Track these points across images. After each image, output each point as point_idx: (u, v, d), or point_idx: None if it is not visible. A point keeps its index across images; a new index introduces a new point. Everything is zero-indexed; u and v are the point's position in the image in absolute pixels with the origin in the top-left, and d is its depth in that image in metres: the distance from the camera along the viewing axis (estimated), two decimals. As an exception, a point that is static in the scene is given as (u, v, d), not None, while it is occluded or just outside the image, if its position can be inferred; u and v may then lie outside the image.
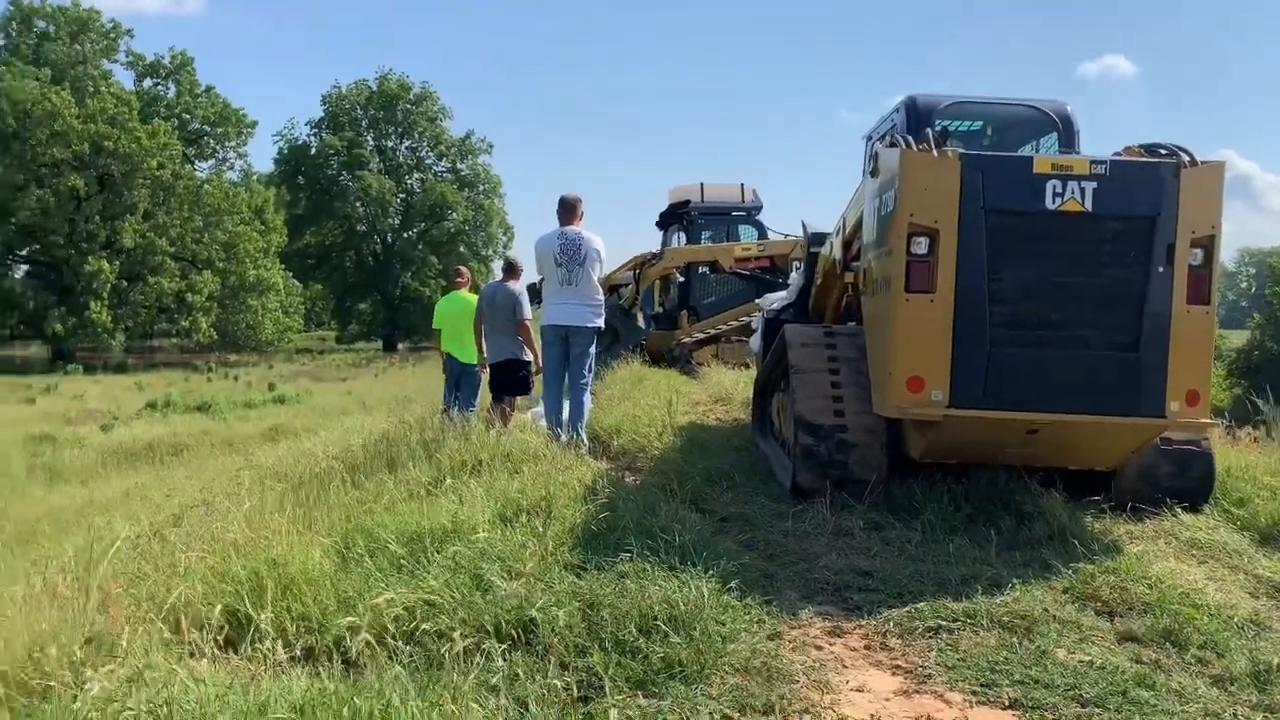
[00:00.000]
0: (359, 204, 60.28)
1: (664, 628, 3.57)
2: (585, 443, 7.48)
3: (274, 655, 3.36)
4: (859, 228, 6.35)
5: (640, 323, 16.54)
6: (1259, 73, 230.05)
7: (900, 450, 5.69)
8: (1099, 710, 3.29)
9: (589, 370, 7.86)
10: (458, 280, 10.51)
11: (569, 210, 7.75)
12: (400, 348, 59.53)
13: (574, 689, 3.22)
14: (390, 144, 63.63)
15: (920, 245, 5.09)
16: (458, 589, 3.85)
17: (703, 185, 17.42)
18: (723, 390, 11.14)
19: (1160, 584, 4.44)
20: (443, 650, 3.35)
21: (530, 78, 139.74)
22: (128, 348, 49.61)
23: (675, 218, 17.27)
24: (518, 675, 3.26)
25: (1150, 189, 5.02)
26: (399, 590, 3.80)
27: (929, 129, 5.74)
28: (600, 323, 7.86)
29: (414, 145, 64.01)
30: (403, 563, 4.23)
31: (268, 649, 3.39)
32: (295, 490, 6.35)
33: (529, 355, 8.59)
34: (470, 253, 59.81)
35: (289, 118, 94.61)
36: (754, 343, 9.87)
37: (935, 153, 5.13)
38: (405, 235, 62.89)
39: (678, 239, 17.25)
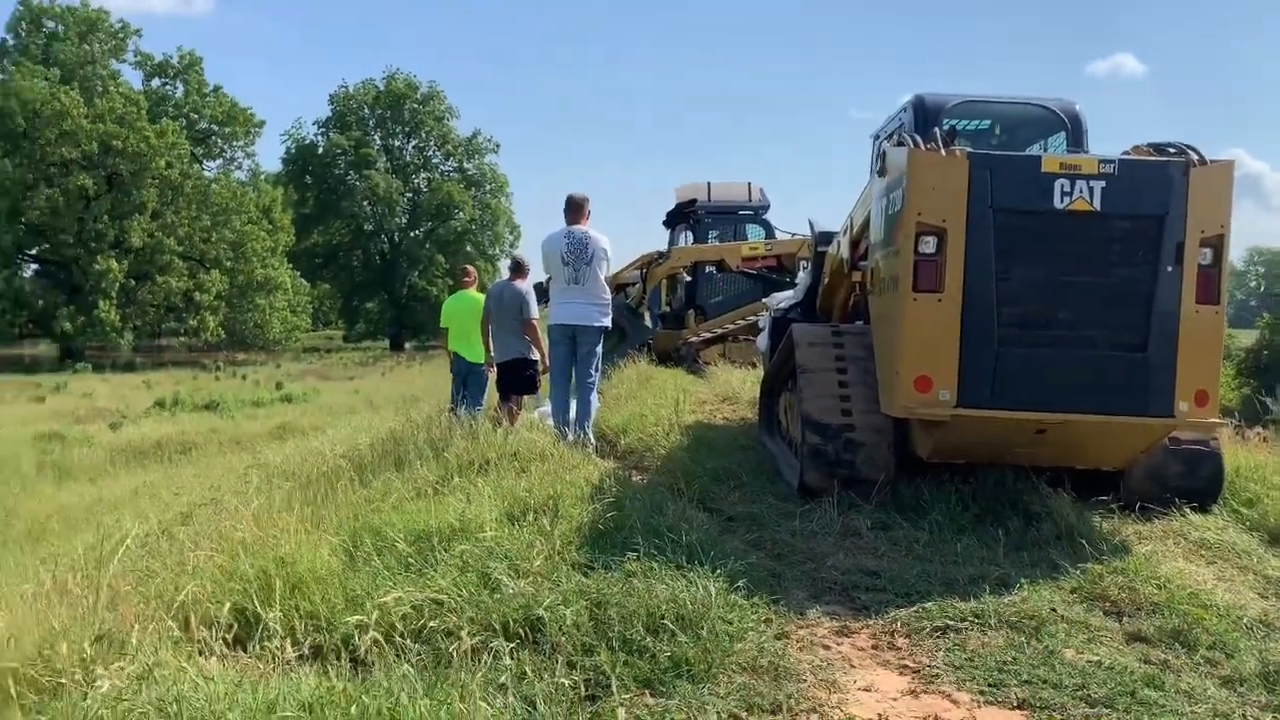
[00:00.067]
0: (366, 203, 60.35)
1: (671, 627, 3.56)
2: (592, 442, 7.48)
3: (282, 653, 3.37)
4: (866, 227, 6.35)
5: (647, 322, 16.56)
6: (1270, 71, 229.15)
7: (908, 450, 5.69)
8: (1107, 710, 3.28)
9: (596, 369, 7.86)
10: (465, 279, 10.51)
11: (576, 209, 7.74)
12: (407, 347, 59.52)
13: (581, 688, 3.22)
14: (397, 143, 63.73)
15: (928, 244, 5.08)
16: (465, 587, 3.86)
17: (709, 184, 17.35)
18: (730, 389, 11.12)
19: (1169, 584, 4.42)
20: (450, 649, 3.36)
21: (527, 77, 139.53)
22: (136, 346, 49.72)
23: (682, 217, 17.26)
24: (525, 674, 3.27)
25: (1159, 188, 5.00)
26: (407, 589, 3.81)
27: (937, 128, 5.73)
28: (607, 322, 7.85)
29: (421, 144, 64.09)
30: (410, 561, 4.24)
31: (276, 647, 3.40)
32: (303, 489, 6.37)
33: (536, 354, 8.59)
34: (477, 252, 59.79)
35: (297, 117, 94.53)
36: (761, 342, 9.85)
37: (943, 152, 5.12)
38: (412, 234, 62.96)
39: (685, 238, 17.22)
